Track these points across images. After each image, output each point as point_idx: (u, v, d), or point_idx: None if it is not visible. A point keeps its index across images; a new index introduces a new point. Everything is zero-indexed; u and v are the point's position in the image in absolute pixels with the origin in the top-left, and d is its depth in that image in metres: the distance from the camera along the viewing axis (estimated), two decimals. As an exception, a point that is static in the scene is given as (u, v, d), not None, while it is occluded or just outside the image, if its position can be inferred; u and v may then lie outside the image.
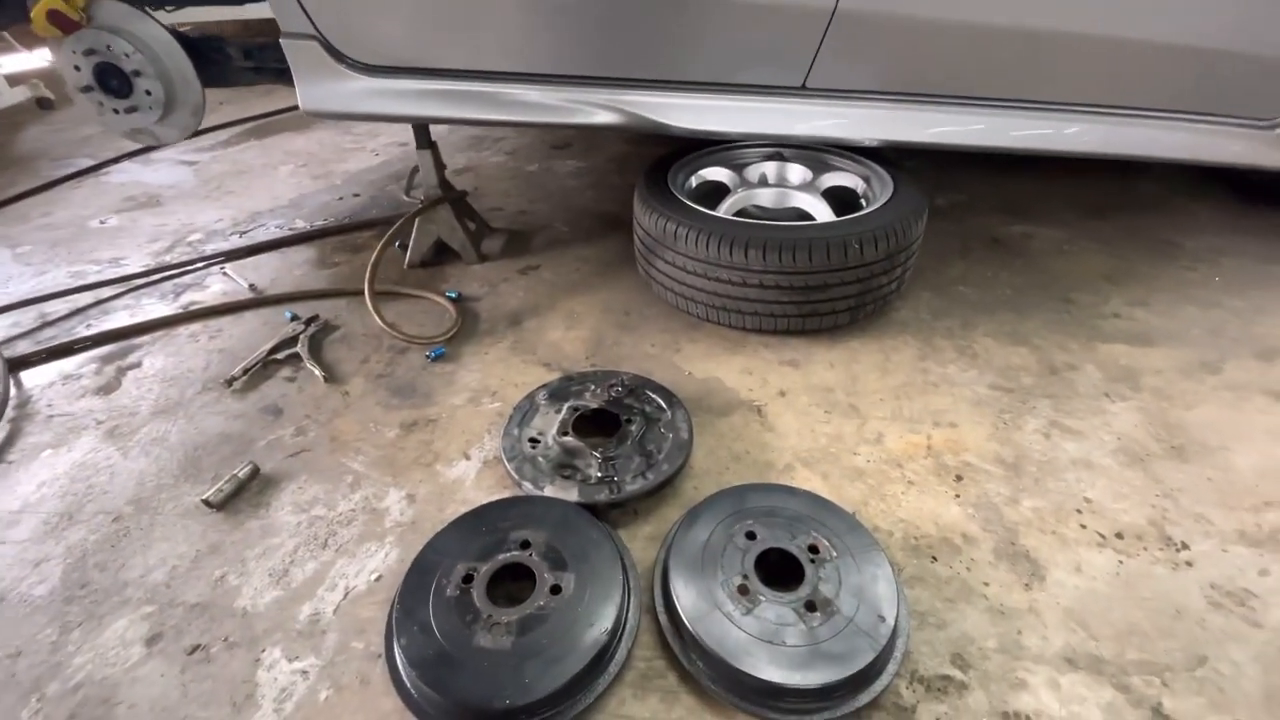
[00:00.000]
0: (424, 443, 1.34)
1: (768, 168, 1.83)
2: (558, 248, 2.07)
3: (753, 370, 1.51)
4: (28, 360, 1.62)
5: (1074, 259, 1.94)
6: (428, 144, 1.81)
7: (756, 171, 1.83)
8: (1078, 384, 1.45)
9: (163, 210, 2.45)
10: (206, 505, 1.19)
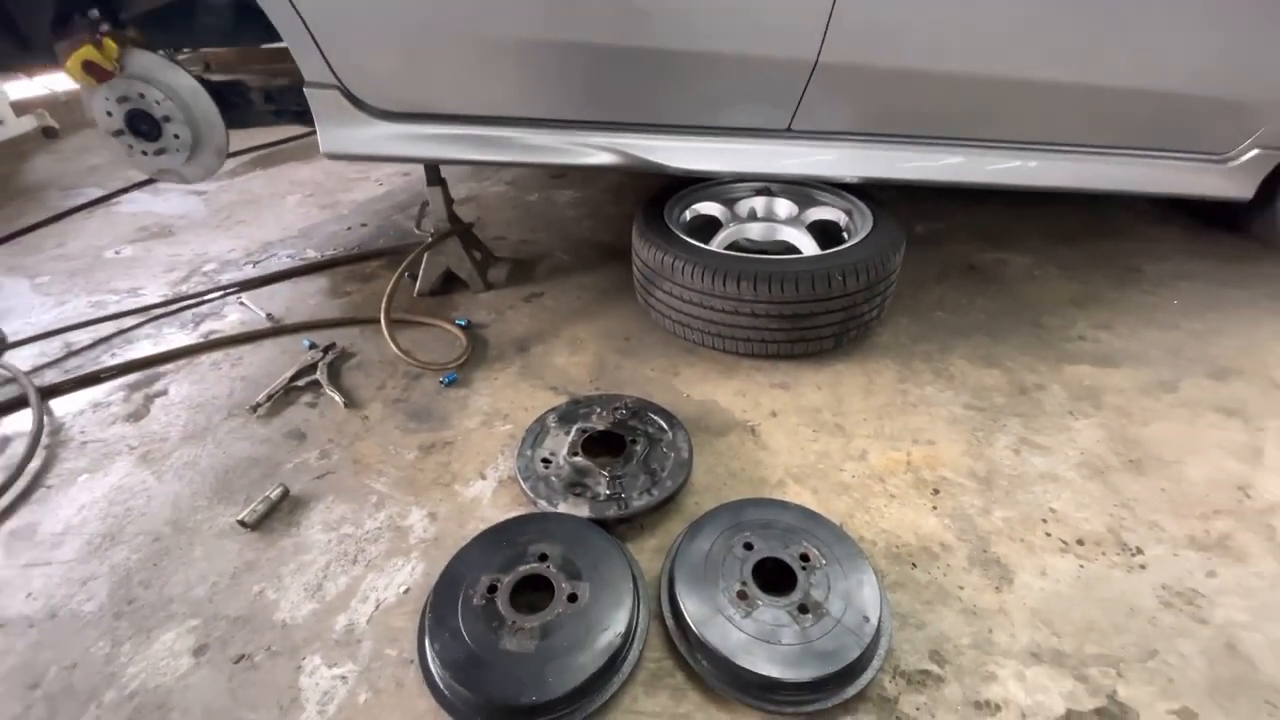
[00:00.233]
0: (442, 464, 1.43)
1: (756, 202, 1.96)
2: (559, 276, 2.18)
3: (746, 393, 1.62)
4: (58, 389, 1.70)
5: (1044, 284, 2.08)
6: (438, 181, 1.92)
7: (746, 206, 1.95)
8: (1045, 403, 1.58)
9: (176, 240, 2.54)
10: (241, 525, 1.28)
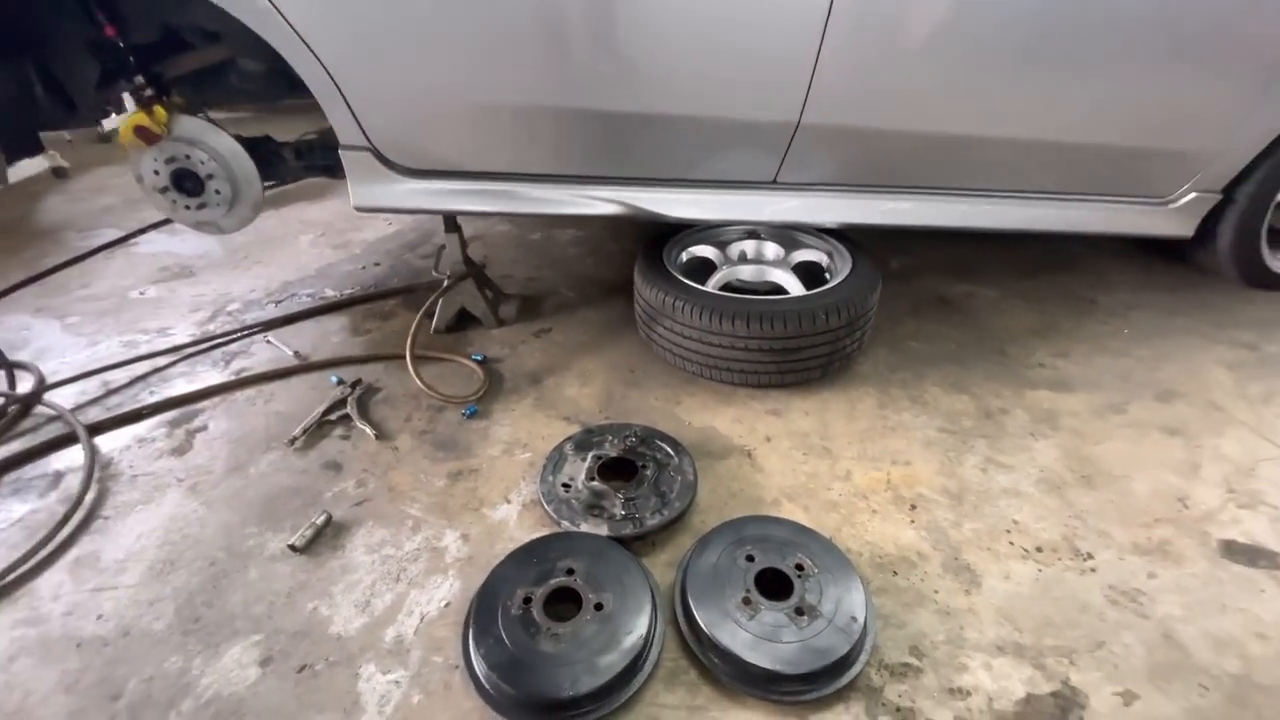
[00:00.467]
0: (470, 490, 1.58)
1: (747, 245, 2.15)
2: (565, 311, 2.34)
3: (742, 419, 1.79)
4: (102, 426, 1.82)
5: (1008, 315, 2.28)
6: (455, 228, 2.09)
7: (737, 249, 2.14)
8: (1008, 425, 1.76)
9: (198, 280, 2.68)
10: (292, 549, 1.41)
